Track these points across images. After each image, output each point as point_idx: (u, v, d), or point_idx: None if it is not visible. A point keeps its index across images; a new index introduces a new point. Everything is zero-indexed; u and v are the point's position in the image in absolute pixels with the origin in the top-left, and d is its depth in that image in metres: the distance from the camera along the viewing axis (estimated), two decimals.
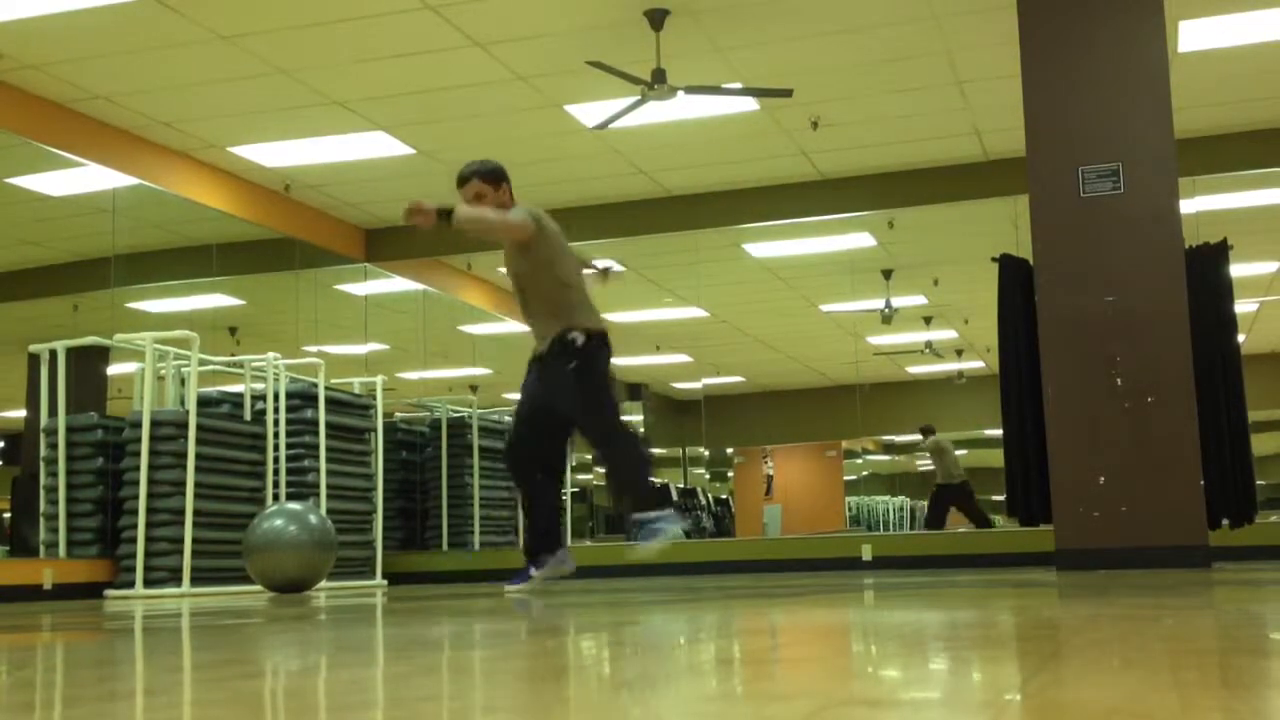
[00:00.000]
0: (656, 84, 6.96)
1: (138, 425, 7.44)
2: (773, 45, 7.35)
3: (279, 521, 6.79)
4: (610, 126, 7.72)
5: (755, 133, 8.73)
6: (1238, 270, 6.74)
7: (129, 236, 8.90)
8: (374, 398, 9.34)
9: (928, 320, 12.76)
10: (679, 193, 10.04)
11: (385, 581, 9.04)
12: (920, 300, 12.31)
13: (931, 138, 8.96)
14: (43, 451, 7.60)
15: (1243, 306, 8.33)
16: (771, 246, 11.11)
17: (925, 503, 14.74)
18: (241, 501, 7.87)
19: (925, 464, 15.46)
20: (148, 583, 7.27)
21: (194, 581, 7.34)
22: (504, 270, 5.50)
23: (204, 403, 8.00)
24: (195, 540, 7.41)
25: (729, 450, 14.60)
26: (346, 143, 8.78)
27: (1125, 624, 2.29)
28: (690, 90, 7.19)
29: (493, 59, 7.43)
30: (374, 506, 9.19)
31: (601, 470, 5.62)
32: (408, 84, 7.78)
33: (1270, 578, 4.36)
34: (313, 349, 10.06)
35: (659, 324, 13.08)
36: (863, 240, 10.82)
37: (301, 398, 8.65)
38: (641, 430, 13.20)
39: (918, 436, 13.29)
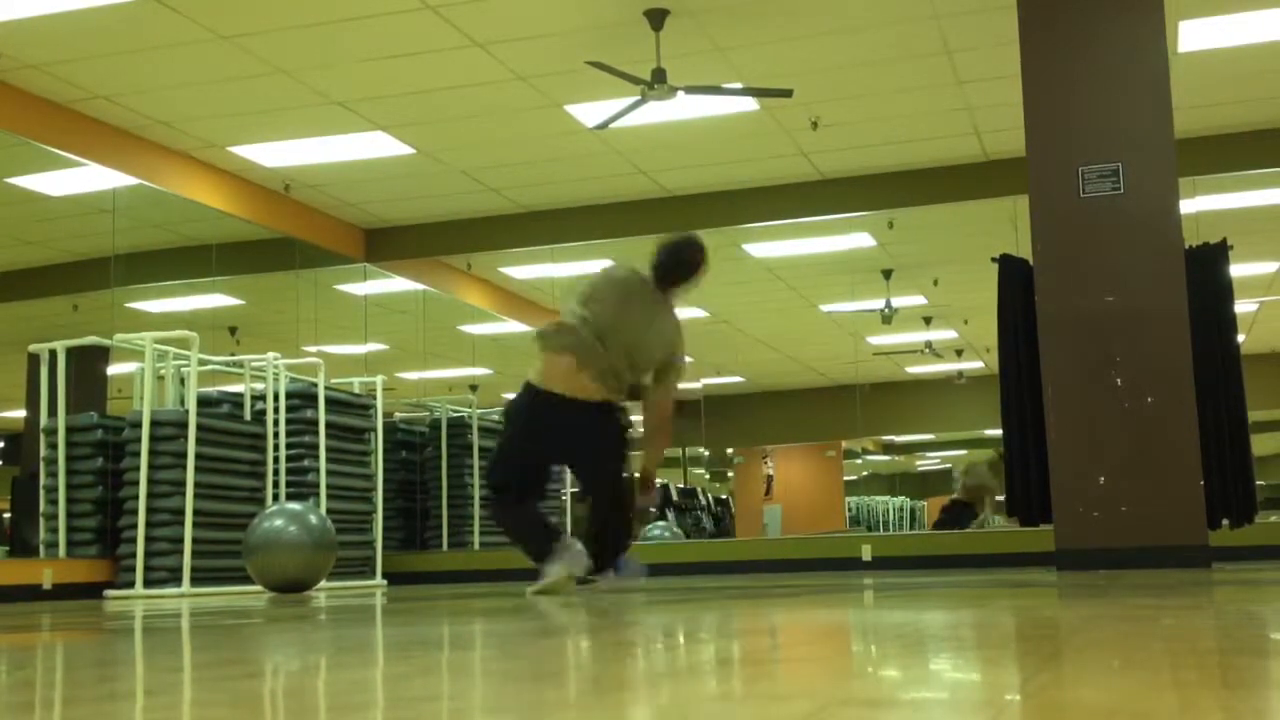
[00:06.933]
0: (656, 84, 6.96)
1: (138, 425, 7.45)
2: (773, 45, 7.35)
3: (279, 522, 6.79)
4: (610, 126, 7.72)
5: (755, 133, 8.73)
6: (1238, 270, 6.72)
7: (129, 236, 8.91)
8: (374, 398, 9.34)
9: (927, 320, 12.77)
10: (679, 193, 10.04)
11: (385, 581, 9.04)
12: (920, 300, 12.31)
13: (931, 138, 8.96)
14: (43, 451, 7.60)
15: (1243, 306, 8.32)
16: (771, 246, 11.11)
17: (925, 503, 14.73)
18: (241, 501, 7.87)
19: (925, 464, 15.45)
20: (148, 583, 7.28)
21: (194, 581, 7.34)
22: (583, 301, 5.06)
23: (204, 403, 8.00)
24: (195, 540, 7.41)
25: (729, 450, 14.60)
26: (346, 143, 8.78)
27: (1125, 624, 2.29)
28: (690, 90, 7.19)
29: (493, 59, 7.43)
30: (374, 506, 9.19)
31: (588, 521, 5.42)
32: (408, 84, 7.78)
33: (1270, 578, 4.36)
34: (313, 349, 10.06)
35: None
36: (862, 240, 10.82)
37: (301, 398, 8.65)
38: None
39: (919, 437, 13.28)
